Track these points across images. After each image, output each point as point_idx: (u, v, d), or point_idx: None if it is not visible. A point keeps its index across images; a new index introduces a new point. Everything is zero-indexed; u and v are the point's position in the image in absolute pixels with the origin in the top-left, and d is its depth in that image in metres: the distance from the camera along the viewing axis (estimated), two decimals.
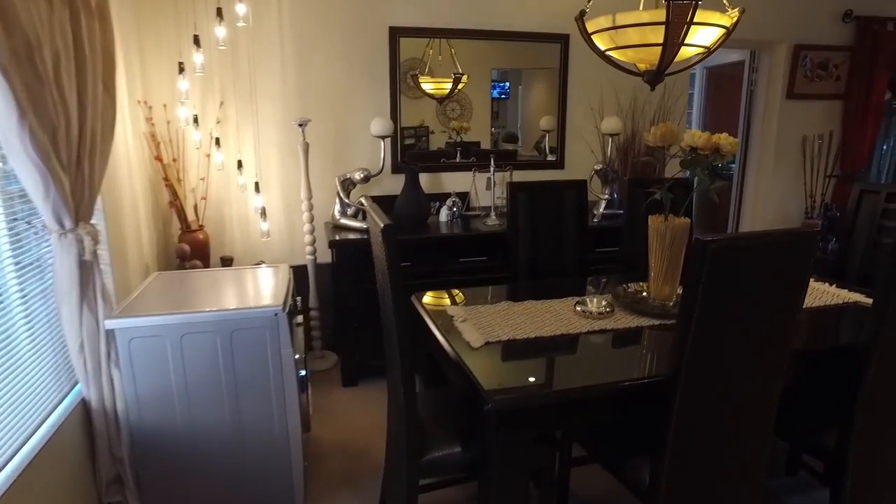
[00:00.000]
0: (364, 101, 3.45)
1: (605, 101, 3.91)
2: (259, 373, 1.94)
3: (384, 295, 1.72)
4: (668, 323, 1.95)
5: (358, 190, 3.35)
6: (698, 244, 1.29)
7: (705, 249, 1.28)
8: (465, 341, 1.76)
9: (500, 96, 3.79)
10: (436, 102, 3.62)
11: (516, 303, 2.13)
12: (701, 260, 1.29)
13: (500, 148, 3.84)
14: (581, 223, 2.66)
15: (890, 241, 2.51)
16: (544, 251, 2.64)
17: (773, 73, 4.41)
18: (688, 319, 1.37)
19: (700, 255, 1.29)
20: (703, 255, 1.29)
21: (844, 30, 4.45)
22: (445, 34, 3.50)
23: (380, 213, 1.63)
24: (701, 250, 1.29)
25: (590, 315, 1.99)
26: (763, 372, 1.53)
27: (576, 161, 3.95)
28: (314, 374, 3.31)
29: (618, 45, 1.89)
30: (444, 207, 3.48)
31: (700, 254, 1.29)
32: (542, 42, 3.70)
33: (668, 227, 2.00)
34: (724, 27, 1.84)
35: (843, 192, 4.74)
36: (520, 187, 2.60)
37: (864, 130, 4.61)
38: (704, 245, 1.28)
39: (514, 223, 2.59)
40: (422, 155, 3.63)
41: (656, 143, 1.92)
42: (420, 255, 3.11)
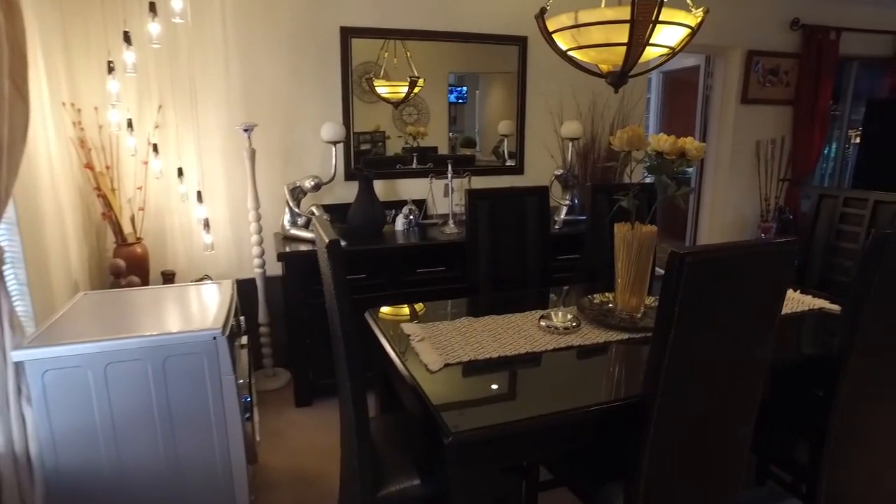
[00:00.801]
0: (315, 105, 3.28)
1: (564, 105, 3.84)
2: (197, 403, 1.76)
3: (332, 315, 1.56)
4: (637, 337, 1.86)
5: (309, 199, 3.17)
6: (674, 258, 1.19)
7: (682, 263, 1.18)
8: (423, 364, 1.62)
9: (458, 101, 3.69)
10: (392, 107, 3.48)
11: (477, 318, 2.00)
12: (678, 275, 1.19)
13: (458, 153, 3.73)
14: (543, 231, 2.57)
15: (849, 245, 2.50)
16: (505, 261, 2.53)
17: (727, 77, 4.44)
18: (663, 339, 1.27)
19: (677, 270, 1.19)
20: (680, 270, 1.19)
21: (792, 37, 4.53)
22: (400, 35, 3.36)
23: (326, 227, 1.48)
24: (677, 264, 1.19)
25: (555, 330, 1.88)
26: (741, 388, 1.44)
27: (535, 166, 3.87)
28: (264, 394, 3.11)
29: (580, 44, 1.79)
30: (401, 216, 3.34)
31: (677, 268, 1.19)
32: (500, 44, 3.61)
33: (635, 236, 1.91)
34: (690, 27, 1.76)
35: (794, 196, 4.82)
36: (479, 195, 2.48)
37: (812, 135, 4.71)
38: (681, 259, 1.18)
39: (473, 232, 2.47)
40: (376, 161, 3.48)
41: (622, 148, 1.83)
42: (375, 267, 2.96)
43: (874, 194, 2.42)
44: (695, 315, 1.26)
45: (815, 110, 4.66)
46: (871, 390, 1.71)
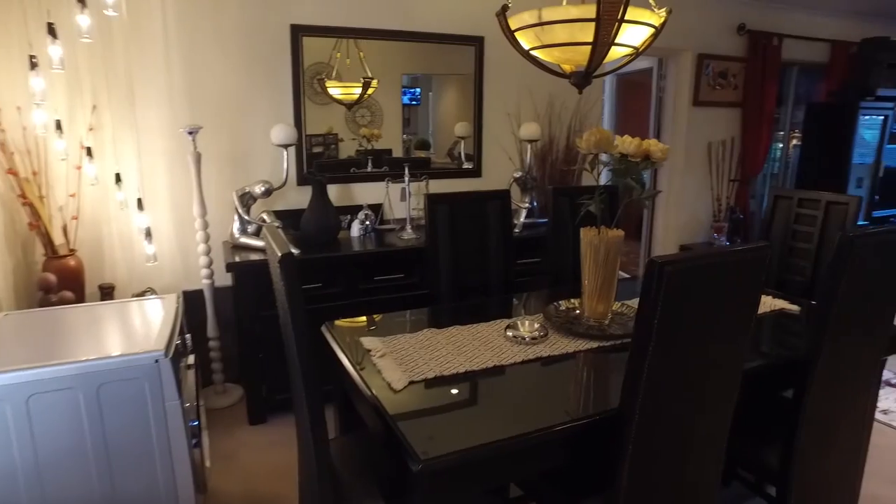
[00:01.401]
0: (264, 106, 3.12)
1: (521, 107, 3.80)
2: (137, 433, 1.60)
3: (287, 333, 1.44)
4: (607, 345, 1.81)
5: (259, 205, 3.01)
6: (652, 267, 1.13)
7: (661, 273, 1.12)
8: (386, 382, 1.52)
9: (412, 102, 3.59)
10: (345, 108, 3.36)
11: (440, 330, 1.91)
12: (657, 284, 1.13)
13: (413, 155, 3.63)
14: (505, 236, 2.50)
15: (803, 244, 2.53)
16: (467, 267, 2.45)
17: (679, 80, 4.50)
18: (642, 351, 1.21)
19: (656, 280, 1.13)
20: (659, 279, 1.13)
21: (739, 42, 4.64)
22: (354, 34, 3.24)
23: (278, 239, 1.36)
24: (656, 274, 1.13)
25: (522, 341, 1.81)
26: (717, 395, 1.40)
27: (493, 168, 3.82)
28: (215, 412, 2.93)
29: (544, 43, 1.72)
30: (356, 221, 3.21)
31: (655, 278, 1.13)
32: (457, 44, 3.53)
33: (602, 240, 1.86)
34: (654, 27, 1.72)
35: (744, 196, 4.94)
36: (439, 199, 2.39)
37: (759, 137, 4.83)
38: (660, 268, 1.12)
39: (433, 239, 2.38)
40: (330, 164, 3.35)
41: (589, 151, 1.77)
42: (331, 275, 2.83)
43: (826, 195, 2.46)
44: (673, 325, 1.20)
45: (762, 113, 4.78)
46: (838, 389, 1.71)
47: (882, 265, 1.59)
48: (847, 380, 1.72)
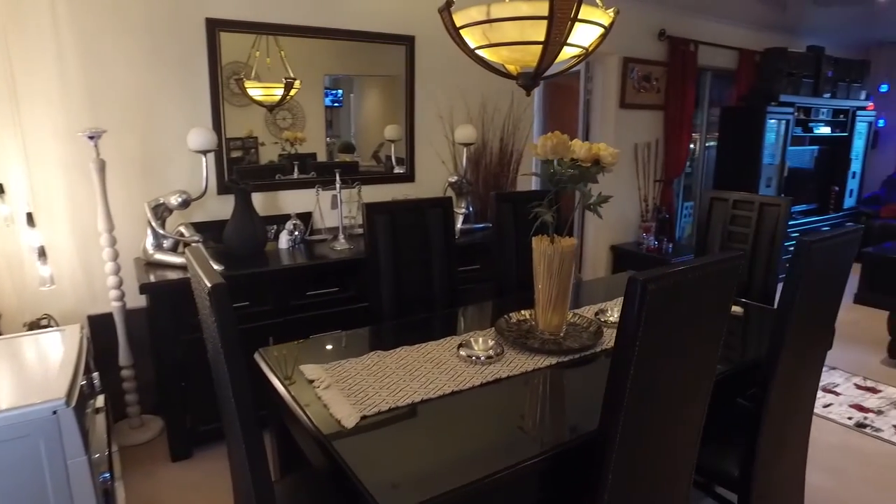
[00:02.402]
0: (179, 108, 2.83)
1: (454, 109, 3.70)
2: (31, 499, 1.34)
3: (219, 370, 1.24)
4: (565, 360, 1.72)
5: (176, 217, 2.73)
6: (635, 285, 1.04)
7: (644, 291, 1.03)
8: (335, 419, 1.35)
9: (334, 104, 3.41)
10: (265, 111, 3.12)
11: (387, 352, 1.76)
12: (640, 303, 1.04)
13: (337, 159, 3.43)
14: (448, 245, 2.38)
15: (740, 245, 2.58)
16: (409, 279, 2.30)
17: (606, 83, 4.56)
18: (624, 370, 1.11)
19: (639, 298, 1.04)
20: (642, 298, 1.04)
21: (660, 47, 4.77)
22: (275, 30, 3.01)
23: (205, 265, 1.16)
24: (639, 292, 1.04)
25: (477, 360, 1.69)
26: (692, 405, 1.35)
27: (427, 173, 3.69)
28: (131, 450, 2.62)
29: (491, 42, 1.61)
30: (284, 232, 2.99)
31: (638, 296, 1.04)
32: (386, 43, 3.38)
33: (556, 250, 1.78)
34: (604, 26, 1.65)
35: (668, 196, 5.09)
36: (378, 209, 2.24)
37: (680, 139, 4.99)
38: (644, 286, 1.03)
39: (373, 250, 2.22)
40: (253, 171, 3.10)
41: (546, 156, 1.68)
42: (259, 292, 2.59)
43: (760, 197, 2.51)
44: (655, 341, 1.12)
45: (682, 115, 4.94)
46: (792, 391, 1.71)
47: (828, 267, 1.60)
48: (799, 380, 1.72)
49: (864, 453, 2.82)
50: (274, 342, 2.60)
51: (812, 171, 6.36)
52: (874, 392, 3.47)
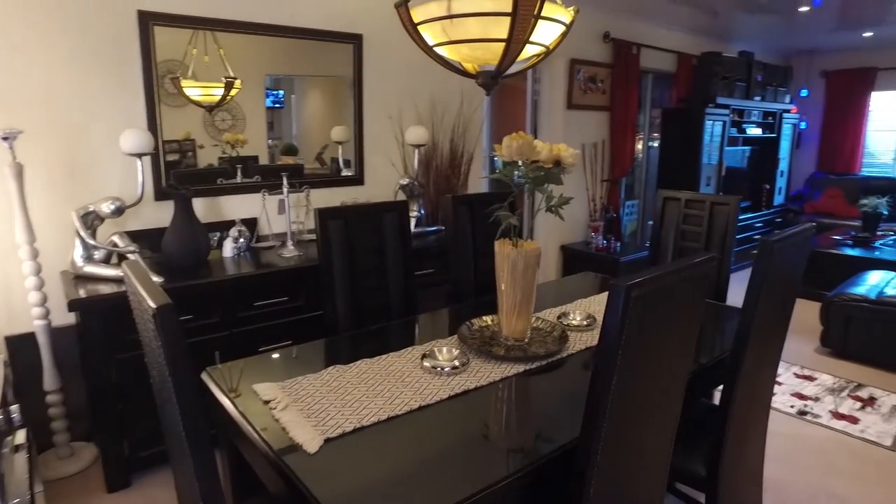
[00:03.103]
0: (110, 108, 2.62)
1: (403, 110, 3.61)
2: None
3: (165, 398, 1.12)
4: (532, 367, 1.67)
5: (108, 226, 2.52)
6: (618, 291, 0.99)
7: (628, 297, 0.99)
8: (297, 444, 1.25)
9: (275, 105, 3.27)
10: (203, 112, 2.95)
11: (347, 366, 1.66)
12: (623, 310, 1.00)
13: (279, 162, 3.29)
14: (405, 251, 2.29)
15: (692, 244, 2.62)
16: (365, 287, 2.21)
17: (553, 84, 4.59)
18: (607, 379, 1.07)
19: (623, 304, 0.99)
20: (626, 304, 0.99)
21: (605, 49, 4.84)
22: (214, 25, 2.84)
23: (146, 282, 1.03)
24: (623, 299, 0.99)
25: (442, 371, 1.62)
26: (667, 408, 1.32)
27: (377, 175, 3.59)
28: (60, 483, 2.40)
29: (451, 38, 1.55)
30: (229, 239, 2.83)
31: (622, 303, 0.99)
32: (332, 41, 3.26)
33: (520, 254, 1.73)
34: (566, 24, 1.62)
35: (615, 195, 5.17)
36: (331, 214, 2.13)
37: (625, 139, 5.09)
38: (627, 291, 0.98)
39: (327, 258, 2.11)
40: (192, 175, 2.92)
41: (510, 158, 1.62)
42: (203, 305, 2.43)
43: (711, 197, 2.56)
44: (636, 347, 1.08)
45: (627, 116, 5.04)
46: (755, 388, 1.72)
47: (787, 265, 1.62)
48: (760, 376, 1.74)
49: (806, 440, 2.93)
50: (221, 357, 2.47)
51: (745, 170, 6.63)
52: (811, 380, 3.62)
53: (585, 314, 2.07)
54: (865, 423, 3.11)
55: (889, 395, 3.46)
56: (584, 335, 1.94)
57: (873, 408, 3.30)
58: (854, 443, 2.93)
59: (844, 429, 3.05)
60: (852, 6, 5.06)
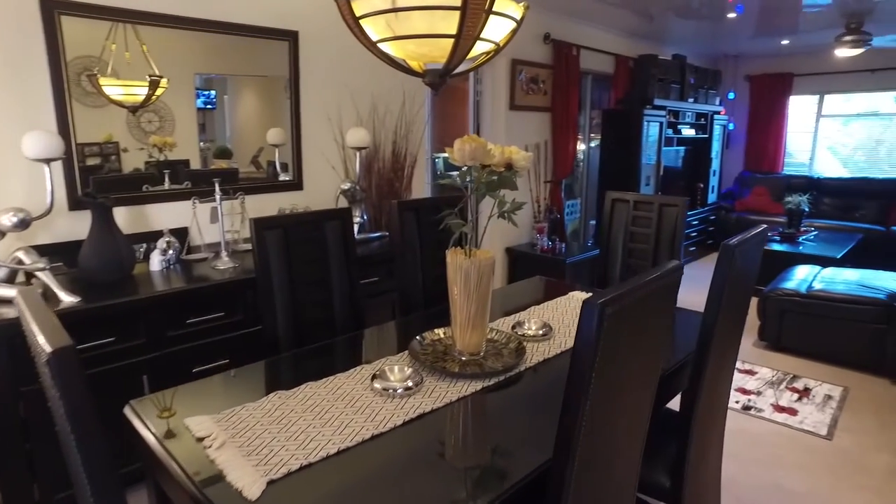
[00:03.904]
0: (10, 108, 2.35)
1: (343, 111, 3.46)
2: None
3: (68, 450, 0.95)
4: (490, 384, 1.58)
5: (11, 240, 2.26)
6: (592, 309, 0.91)
7: (602, 314, 0.91)
8: (236, 489, 1.10)
9: (206, 106, 3.06)
10: (126, 112, 2.71)
11: (290, 391, 1.51)
12: (598, 329, 0.91)
13: (212, 166, 3.08)
14: (349, 261, 2.16)
15: (640, 245, 2.60)
16: (307, 301, 2.06)
17: (496, 85, 4.54)
18: (578, 406, 0.98)
19: (597, 322, 0.91)
20: (600, 321, 0.91)
21: (546, 50, 4.84)
22: (131, 17, 2.61)
23: (44, 318, 0.86)
24: (598, 316, 0.91)
25: (395, 393, 1.50)
26: (638, 423, 1.26)
27: (316, 180, 3.43)
28: None
29: (396, 34, 1.43)
30: (156, 251, 2.60)
31: (597, 322, 0.91)
32: (266, 38, 3.07)
33: (474, 264, 1.63)
34: (517, 21, 1.54)
35: (558, 196, 5.19)
36: (268, 224, 1.97)
37: (567, 140, 5.11)
38: (602, 309, 0.90)
39: (264, 271, 1.95)
40: (114, 181, 2.68)
41: (463, 163, 1.52)
42: (127, 325, 2.21)
43: (659, 198, 2.55)
44: (609, 363, 1.01)
45: (568, 117, 5.06)
46: (715, 390, 1.70)
47: (745, 267, 1.60)
48: (720, 381, 1.72)
49: (752, 434, 2.99)
50: (151, 381, 2.25)
51: (681, 169, 6.83)
52: (752, 374, 3.72)
53: (541, 323, 2.01)
54: (804, 414, 3.21)
55: (821, 384, 3.60)
56: (540, 345, 1.86)
57: (809, 398, 3.41)
58: (796, 434, 3.01)
59: (786, 421, 3.13)
60: (769, 15, 5.30)
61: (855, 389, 3.54)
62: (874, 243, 6.09)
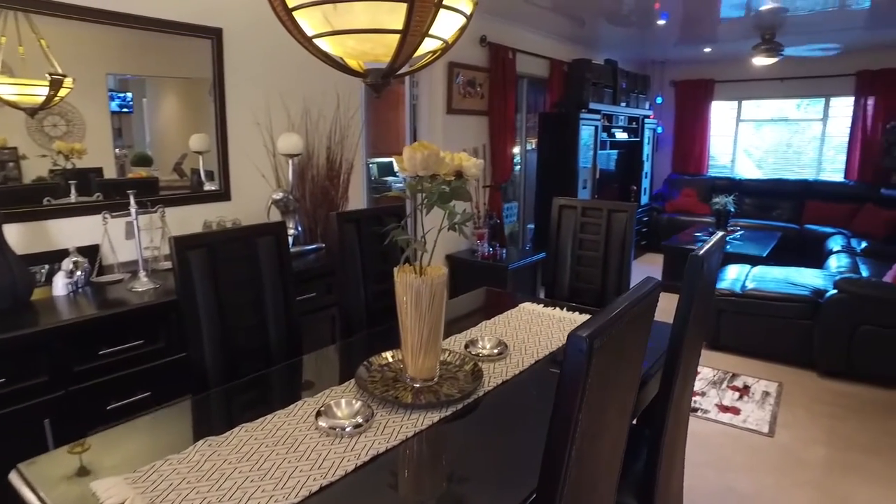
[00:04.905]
0: None
1: (273, 116, 3.24)
2: None
3: None
4: (448, 414, 1.44)
5: None
6: (580, 344, 0.79)
7: (591, 350, 0.79)
8: None
9: (122, 110, 2.77)
10: (25, 115, 2.39)
11: (221, 437, 1.32)
12: (587, 365, 0.80)
13: (130, 174, 2.79)
14: (285, 281, 1.96)
15: (590, 252, 2.54)
16: (239, 327, 1.85)
17: (433, 88, 4.42)
18: (565, 437, 0.86)
19: (586, 359, 0.79)
20: (589, 359, 0.79)
21: (482, 53, 4.77)
22: (21, 4, 2.30)
23: None
24: (587, 351, 0.79)
25: (343, 432, 1.33)
26: (618, 447, 1.16)
27: (245, 189, 3.18)
28: None
29: (335, 28, 1.27)
30: (60, 273, 2.30)
31: (585, 357, 0.79)
32: (186, 35, 2.81)
33: (425, 283, 1.49)
34: (467, 16, 1.41)
35: (497, 201, 5.13)
36: (190, 242, 1.75)
37: (505, 143, 5.06)
38: (590, 343, 0.78)
39: (188, 295, 1.73)
40: (10, 193, 2.36)
41: (414, 172, 1.38)
42: (24, 360, 1.91)
43: (607, 204, 2.50)
44: (595, 401, 0.89)
45: (505, 120, 5.01)
46: (681, 402, 1.63)
47: (709, 274, 1.54)
48: (684, 393, 1.66)
49: (701, 437, 3.00)
50: (53, 426, 1.96)
51: (614, 172, 6.96)
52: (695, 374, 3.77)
53: (495, 340, 1.89)
54: (746, 413, 3.27)
55: (758, 381, 3.69)
56: (496, 365, 1.74)
57: (749, 396, 3.48)
58: (741, 434, 3.05)
59: (730, 421, 3.17)
60: (691, 24, 5.49)
61: (788, 384, 3.66)
62: (790, 241, 6.42)
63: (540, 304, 2.34)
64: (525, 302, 2.37)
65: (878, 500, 2.51)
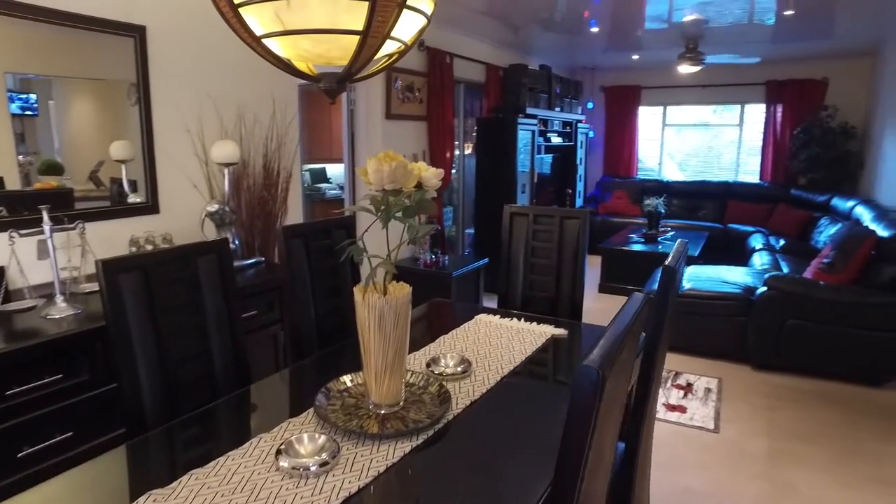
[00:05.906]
0: None
1: (204, 122, 3.02)
2: None
3: None
4: (419, 443, 1.34)
5: None
6: (590, 377, 0.71)
7: (602, 383, 0.72)
8: None
9: (25, 112, 2.49)
10: None
11: (167, 489, 1.16)
12: (599, 398, 0.72)
13: (36, 184, 2.51)
14: (229, 304, 1.80)
15: (542, 260, 2.51)
16: (179, 358, 1.67)
17: (370, 93, 4.30)
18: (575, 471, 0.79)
19: (599, 392, 0.72)
20: (602, 390, 0.72)
21: (421, 57, 4.70)
22: None
23: None
24: (599, 386, 0.72)
25: (308, 472, 1.21)
26: (610, 458, 1.09)
27: (175, 201, 2.95)
28: None
29: (287, 28, 1.15)
30: None
31: (598, 390, 0.72)
32: (103, 32, 2.56)
33: (389, 303, 1.39)
34: (427, 17, 1.32)
35: (437, 208, 5.06)
36: (120, 266, 1.56)
37: (444, 148, 5.01)
38: (601, 376, 0.71)
39: (121, 325, 1.54)
40: None
41: (380, 186, 1.27)
42: None
43: (560, 211, 2.48)
44: (601, 428, 0.82)
45: (443, 125, 4.96)
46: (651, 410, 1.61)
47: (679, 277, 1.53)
48: (654, 402, 1.63)
49: (654, 438, 3.04)
50: None
51: (550, 176, 7.06)
52: None
53: (458, 357, 1.80)
54: (692, 410, 3.35)
55: (699, 378, 3.81)
56: (462, 385, 1.66)
57: (692, 393, 3.58)
58: (690, 432, 3.11)
59: (678, 419, 3.24)
60: (618, 32, 5.66)
61: (727, 379, 3.79)
62: (716, 240, 6.73)
63: (496, 314, 2.28)
64: (480, 314, 2.30)
65: (818, 485, 2.62)
